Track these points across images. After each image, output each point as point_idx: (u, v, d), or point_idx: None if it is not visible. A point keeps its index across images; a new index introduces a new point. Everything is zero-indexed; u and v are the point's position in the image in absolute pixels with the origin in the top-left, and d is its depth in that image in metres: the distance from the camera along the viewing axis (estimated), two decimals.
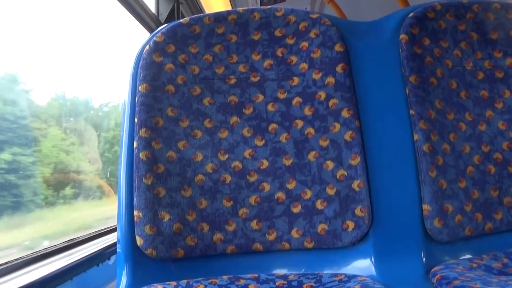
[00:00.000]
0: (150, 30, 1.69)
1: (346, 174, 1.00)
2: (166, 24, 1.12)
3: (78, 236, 1.33)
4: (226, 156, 1.04)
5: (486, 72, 1.15)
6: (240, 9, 1.13)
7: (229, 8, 2.80)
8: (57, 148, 1.54)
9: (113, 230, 1.46)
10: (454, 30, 1.15)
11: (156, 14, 1.78)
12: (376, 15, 1.26)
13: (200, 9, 2.22)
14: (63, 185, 1.55)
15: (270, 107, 1.08)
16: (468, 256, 1.02)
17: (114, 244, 1.25)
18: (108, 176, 1.88)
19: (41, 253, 1.12)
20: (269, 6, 1.15)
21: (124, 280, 0.97)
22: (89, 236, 1.34)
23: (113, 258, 1.25)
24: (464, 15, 1.16)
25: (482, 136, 1.10)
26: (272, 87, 1.09)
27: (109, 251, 1.25)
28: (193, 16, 1.13)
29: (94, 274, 1.17)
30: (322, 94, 1.06)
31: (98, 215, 1.77)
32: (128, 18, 1.59)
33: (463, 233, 1.01)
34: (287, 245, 1.00)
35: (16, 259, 1.04)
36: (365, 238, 0.98)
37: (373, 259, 0.98)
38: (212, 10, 1.96)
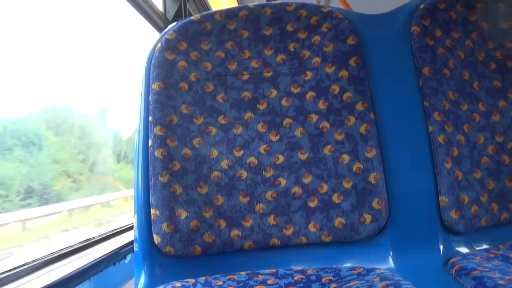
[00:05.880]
0: (158, 28, 1.70)
1: (362, 167, 1.00)
2: (177, 22, 1.12)
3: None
4: (242, 152, 1.04)
5: (498, 62, 1.14)
6: (250, 4, 1.13)
7: (236, 4, 2.79)
8: None
9: (127, 229, 1.46)
10: (465, 21, 1.14)
11: (163, 12, 1.78)
12: (381, 7, 1.26)
13: (206, 6, 2.22)
14: None
15: (284, 102, 1.07)
16: (484, 246, 1.02)
17: (130, 243, 1.25)
18: None
19: (58, 253, 1.13)
20: (280, 1, 1.14)
21: (142, 279, 0.97)
22: (103, 236, 1.34)
23: (129, 257, 1.26)
24: (475, 5, 1.15)
25: (495, 126, 1.09)
26: (285, 82, 1.09)
27: (125, 250, 1.25)
28: (204, 13, 1.13)
29: (111, 273, 1.17)
30: (336, 88, 1.05)
31: None
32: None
33: (479, 224, 1.01)
34: (304, 240, 1.00)
35: (34, 260, 1.05)
36: (383, 231, 0.99)
37: (391, 252, 0.98)
38: (219, 7, 1.95)
